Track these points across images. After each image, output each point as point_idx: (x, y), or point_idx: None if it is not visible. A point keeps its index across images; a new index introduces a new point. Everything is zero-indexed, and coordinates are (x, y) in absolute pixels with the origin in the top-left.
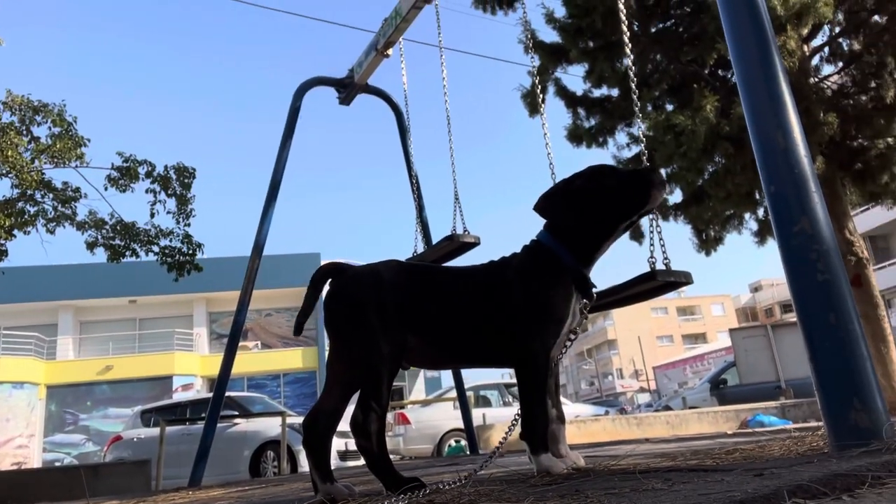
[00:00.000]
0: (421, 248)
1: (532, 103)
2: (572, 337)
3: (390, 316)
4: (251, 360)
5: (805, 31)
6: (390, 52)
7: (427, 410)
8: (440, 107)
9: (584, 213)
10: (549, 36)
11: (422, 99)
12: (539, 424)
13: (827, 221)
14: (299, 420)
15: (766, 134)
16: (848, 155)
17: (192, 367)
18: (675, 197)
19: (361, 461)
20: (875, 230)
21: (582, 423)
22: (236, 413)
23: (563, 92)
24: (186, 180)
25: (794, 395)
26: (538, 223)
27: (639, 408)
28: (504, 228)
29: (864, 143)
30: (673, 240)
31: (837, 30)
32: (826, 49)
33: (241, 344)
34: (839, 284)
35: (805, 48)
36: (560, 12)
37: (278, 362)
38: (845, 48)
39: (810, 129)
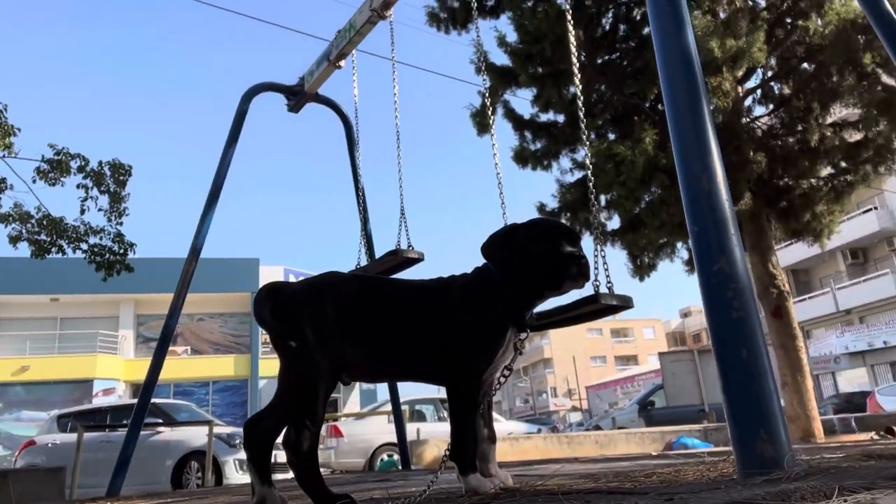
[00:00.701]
0: (364, 261)
1: (481, 123)
2: (506, 373)
3: (329, 331)
4: (179, 365)
5: (740, 74)
6: (343, 63)
7: (361, 423)
8: (391, 119)
9: (516, 266)
10: (501, 59)
11: (373, 110)
12: (468, 445)
13: (743, 262)
14: (228, 430)
15: (693, 177)
16: (774, 193)
17: (115, 371)
18: (614, 223)
19: (291, 474)
20: (797, 264)
21: (514, 441)
22: (160, 421)
23: (511, 114)
24: (122, 177)
25: (717, 418)
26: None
27: (570, 426)
28: (450, 244)
29: (789, 182)
30: (611, 264)
31: (770, 74)
32: (759, 91)
33: (169, 349)
34: (752, 321)
35: (739, 89)
36: (512, 37)
37: (208, 369)
38: (776, 91)
39: (740, 166)
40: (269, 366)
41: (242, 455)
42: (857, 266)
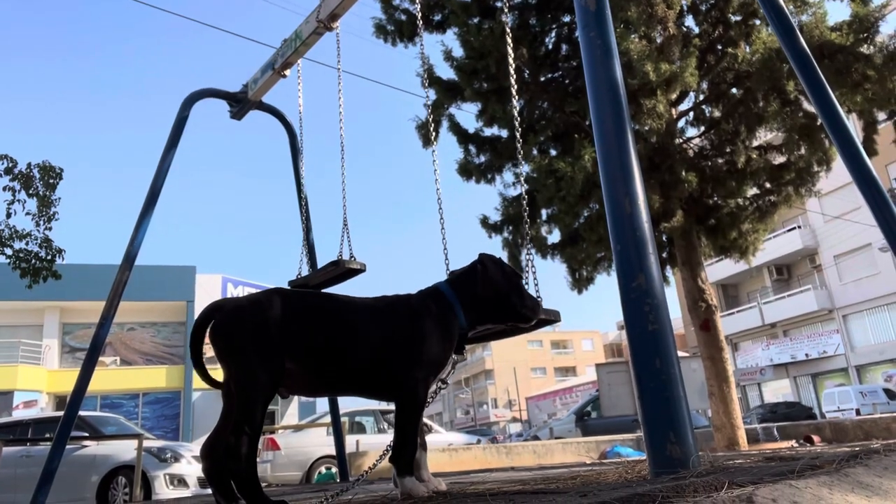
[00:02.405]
0: (306, 271)
1: (426, 135)
2: (442, 386)
3: (269, 344)
4: (108, 377)
5: (673, 96)
6: (287, 72)
7: (298, 436)
8: (336, 128)
9: (497, 295)
10: (447, 73)
11: (321, 119)
12: (409, 449)
13: (659, 279)
14: (158, 444)
15: (617, 200)
16: (704, 211)
17: (37, 383)
18: (554, 237)
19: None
20: (727, 279)
21: (454, 452)
22: (86, 434)
23: (456, 128)
24: (52, 181)
25: None
26: (428, 256)
27: (510, 437)
28: (394, 255)
29: (718, 201)
30: (551, 276)
31: (701, 97)
32: (691, 114)
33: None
34: (665, 334)
35: (673, 111)
36: (458, 52)
37: (138, 380)
38: (707, 114)
39: (673, 185)
40: None
41: (173, 470)
42: (781, 282)
